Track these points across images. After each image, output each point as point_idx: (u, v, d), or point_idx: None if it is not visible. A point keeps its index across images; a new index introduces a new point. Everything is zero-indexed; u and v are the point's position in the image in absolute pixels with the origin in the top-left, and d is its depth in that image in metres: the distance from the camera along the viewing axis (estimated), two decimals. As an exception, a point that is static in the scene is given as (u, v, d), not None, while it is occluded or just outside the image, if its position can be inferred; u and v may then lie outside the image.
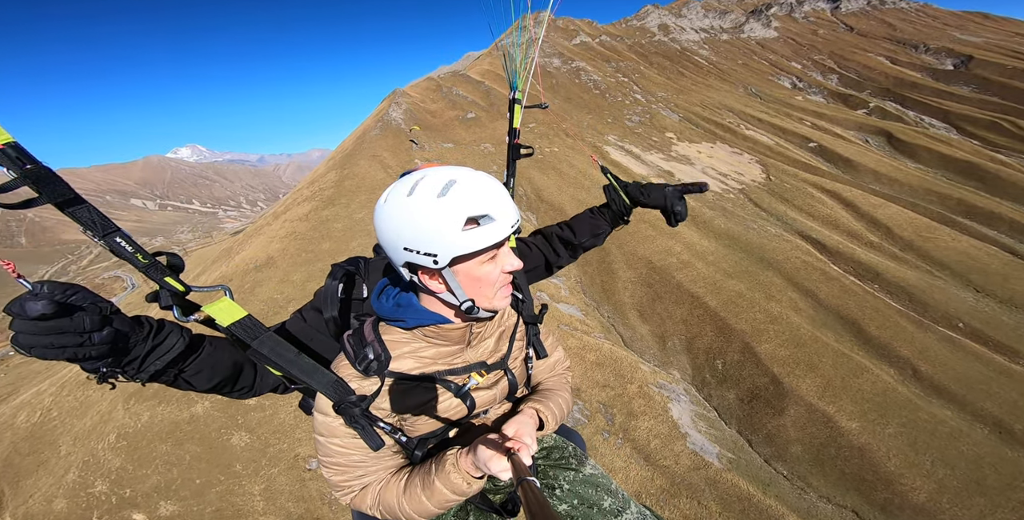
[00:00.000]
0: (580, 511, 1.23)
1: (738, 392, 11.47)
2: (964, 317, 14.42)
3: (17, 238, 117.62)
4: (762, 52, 54.49)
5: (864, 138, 33.17)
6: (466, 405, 1.12)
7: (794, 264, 15.66)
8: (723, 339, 12.53)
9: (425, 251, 0.90)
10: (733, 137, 30.34)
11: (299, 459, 8.69)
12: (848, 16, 64.18)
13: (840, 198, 21.21)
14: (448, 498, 1.01)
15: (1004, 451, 10.87)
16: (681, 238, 16.60)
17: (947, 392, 11.84)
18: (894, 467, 10.18)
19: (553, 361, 1.38)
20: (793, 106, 38.97)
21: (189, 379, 0.99)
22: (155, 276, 0.90)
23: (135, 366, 0.89)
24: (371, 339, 1.04)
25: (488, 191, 0.92)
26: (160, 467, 8.07)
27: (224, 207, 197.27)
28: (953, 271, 16.84)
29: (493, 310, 1.05)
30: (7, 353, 27.91)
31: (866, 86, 44.65)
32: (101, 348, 0.80)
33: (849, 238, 18.39)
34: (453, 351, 1.11)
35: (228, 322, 0.92)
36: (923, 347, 12.89)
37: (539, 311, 1.31)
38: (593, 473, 1.32)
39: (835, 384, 11.33)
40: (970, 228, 20.25)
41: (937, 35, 55.20)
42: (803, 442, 10.59)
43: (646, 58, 47.82)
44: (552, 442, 1.40)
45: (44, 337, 0.74)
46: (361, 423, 1.00)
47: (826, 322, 13.47)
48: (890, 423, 10.82)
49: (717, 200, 20.98)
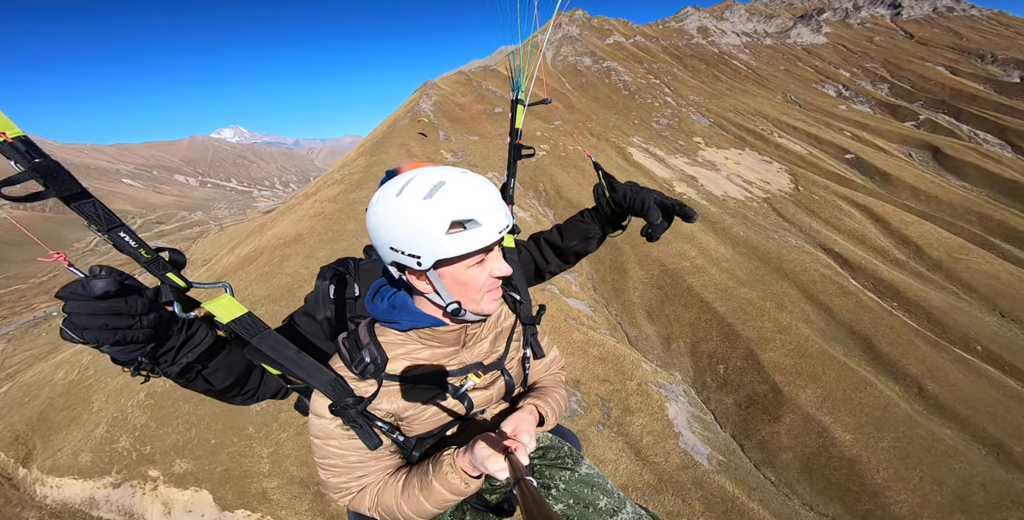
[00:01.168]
0: (576, 511, 1.23)
1: (736, 397, 11.74)
2: (983, 340, 14.12)
3: None
4: (807, 58, 52.49)
5: (908, 152, 31.87)
6: (464, 405, 1.13)
7: (811, 277, 15.60)
8: (728, 345, 12.76)
9: (409, 252, 0.90)
10: (764, 145, 29.74)
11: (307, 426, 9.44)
12: (909, 23, 61.13)
13: (871, 213, 20.72)
14: (446, 498, 1.01)
15: (999, 472, 10.80)
16: (697, 243, 16.73)
17: (950, 411, 11.78)
18: (881, 480, 10.31)
19: (549, 360, 1.40)
20: (835, 115, 37.59)
21: (208, 376, 1.00)
22: (157, 271, 0.91)
23: (170, 357, 0.90)
24: (367, 342, 1.05)
25: (477, 195, 0.90)
26: (180, 426, 8.70)
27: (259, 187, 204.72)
28: (980, 294, 16.38)
29: (481, 314, 1.04)
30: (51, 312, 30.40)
31: (919, 97, 42.35)
32: (147, 332, 0.83)
33: (874, 254, 18.05)
34: (448, 353, 1.11)
35: (228, 319, 0.93)
36: (934, 367, 12.77)
37: (536, 312, 1.31)
38: (589, 473, 1.32)
39: (835, 396, 11.44)
40: (1007, 252, 19.49)
41: (1008, 45, 51.82)
42: (794, 450, 10.81)
43: (681, 61, 46.86)
44: (548, 442, 1.41)
45: (100, 317, 0.76)
46: (359, 422, 1.01)
47: (836, 336, 13.47)
48: (885, 437, 10.90)
49: (739, 208, 20.87)
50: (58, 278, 46.97)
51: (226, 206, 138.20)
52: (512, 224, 1.01)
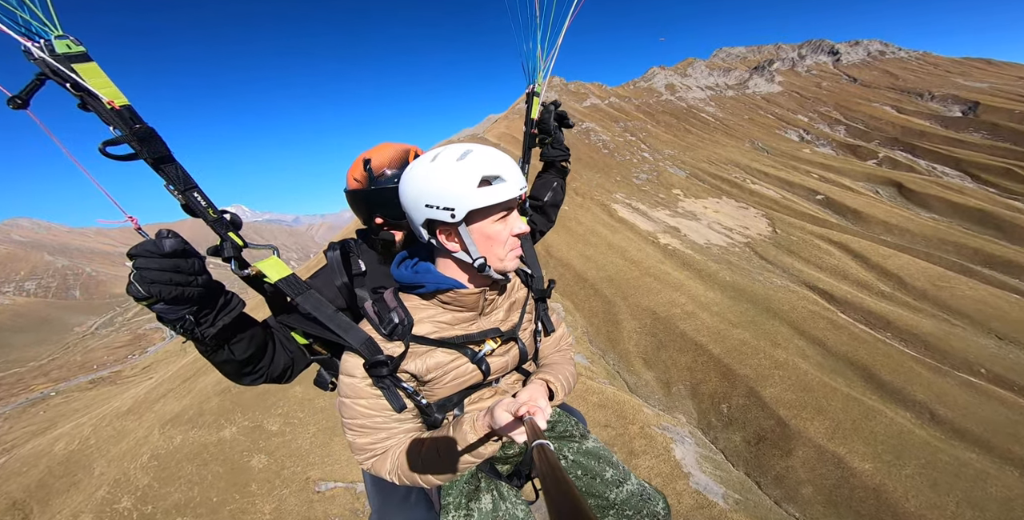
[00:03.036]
0: (584, 481, 1.28)
1: (744, 434, 11.64)
2: (986, 363, 14.19)
3: (72, 291, 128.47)
4: (767, 106, 56.06)
5: (874, 189, 33.88)
6: (481, 370, 1.18)
7: (800, 314, 16.11)
8: (728, 384, 12.90)
9: (444, 206, 1.00)
10: (739, 192, 31.87)
11: (310, 482, 9.43)
12: (850, 67, 65.68)
13: (848, 249, 21.76)
14: (463, 460, 1.05)
15: None
16: (686, 290, 17.50)
17: (970, 435, 11.55)
18: (914, 508, 9.90)
19: (557, 336, 1.45)
20: (800, 159, 40.24)
21: (232, 346, 1.06)
22: (220, 230, 1.03)
23: (210, 318, 0.98)
24: (394, 305, 1.12)
25: (500, 158, 1.03)
26: (183, 486, 8.87)
27: None
28: (972, 319, 16.69)
29: (503, 271, 1.13)
30: (48, 393, 30.20)
31: (874, 136, 45.26)
32: (200, 290, 0.92)
33: (859, 288, 18.69)
34: (468, 317, 1.18)
35: (276, 277, 1.03)
36: (940, 392, 12.75)
37: (547, 286, 1.40)
38: (595, 446, 1.38)
39: (845, 426, 11.36)
40: (989, 277, 20.11)
41: (940, 82, 55.85)
42: (814, 483, 10.51)
43: (653, 117, 50.38)
44: (556, 416, 1.45)
45: (166, 273, 0.86)
46: (387, 383, 1.07)
47: (835, 368, 13.63)
48: (907, 465, 10.64)
49: (722, 254, 21.98)
50: (56, 360, 46.76)
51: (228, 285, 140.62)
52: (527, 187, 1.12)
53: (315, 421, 11.74)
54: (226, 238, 1.03)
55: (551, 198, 1.87)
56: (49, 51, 0.86)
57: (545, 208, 1.88)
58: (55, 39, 0.87)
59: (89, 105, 0.90)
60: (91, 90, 0.87)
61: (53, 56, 0.85)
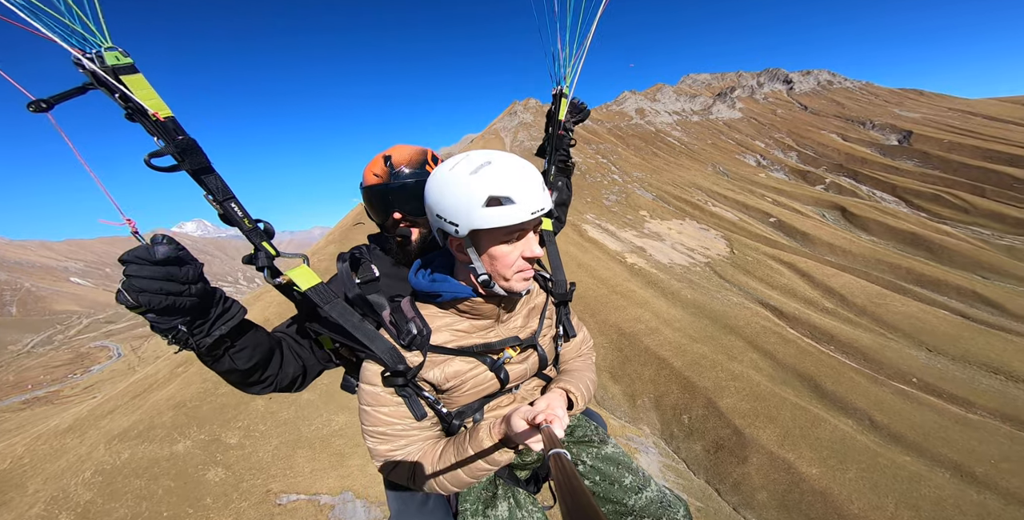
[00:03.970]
0: (602, 487, 1.27)
1: (704, 443, 12.23)
2: (917, 373, 15.53)
3: (8, 307, 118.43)
4: (728, 132, 58.53)
5: (821, 213, 36.60)
6: (500, 378, 1.18)
7: (754, 329, 17.18)
8: (688, 396, 13.57)
9: (450, 220, 1.00)
10: (701, 214, 33.72)
11: (270, 494, 9.24)
12: (802, 96, 68.62)
13: (797, 269, 23.42)
14: (480, 467, 1.05)
15: (969, 493, 11.31)
16: (650, 307, 18.34)
17: (904, 440, 12.58)
18: (858, 510, 10.64)
19: (579, 341, 1.43)
20: (756, 183, 42.81)
21: (234, 355, 1.05)
22: (255, 240, 1.04)
23: (205, 328, 0.96)
24: (411, 315, 1.12)
25: (517, 177, 0.99)
26: (130, 501, 8.48)
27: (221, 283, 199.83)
28: (905, 333, 18.26)
29: (510, 291, 1.10)
30: None
31: (822, 162, 48.23)
32: (193, 300, 0.90)
33: (806, 305, 20.13)
34: (486, 325, 1.17)
35: (306, 286, 1.06)
36: (878, 400, 13.86)
37: (568, 289, 1.36)
38: (615, 451, 1.35)
39: (794, 433, 12.16)
40: (920, 294, 22.09)
41: (880, 112, 58.98)
42: (767, 488, 11.14)
43: (624, 140, 52.23)
44: (575, 421, 1.43)
45: (156, 281, 0.83)
46: (407, 392, 1.08)
47: (785, 379, 14.58)
48: (850, 469, 11.46)
49: (684, 273, 23.18)
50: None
51: None
52: (549, 208, 1.06)
53: (277, 433, 11.47)
54: (260, 248, 1.05)
55: (558, 197, 1.87)
56: (99, 62, 0.88)
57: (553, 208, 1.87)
58: (105, 51, 0.89)
59: (135, 117, 0.92)
60: (138, 103, 0.90)
61: (103, 67, 0.88)
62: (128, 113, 0.91)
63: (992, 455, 12.15)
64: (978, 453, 12.28)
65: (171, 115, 0.93)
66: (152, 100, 0.91)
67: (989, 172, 39.14)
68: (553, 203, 1.78)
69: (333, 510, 9.90)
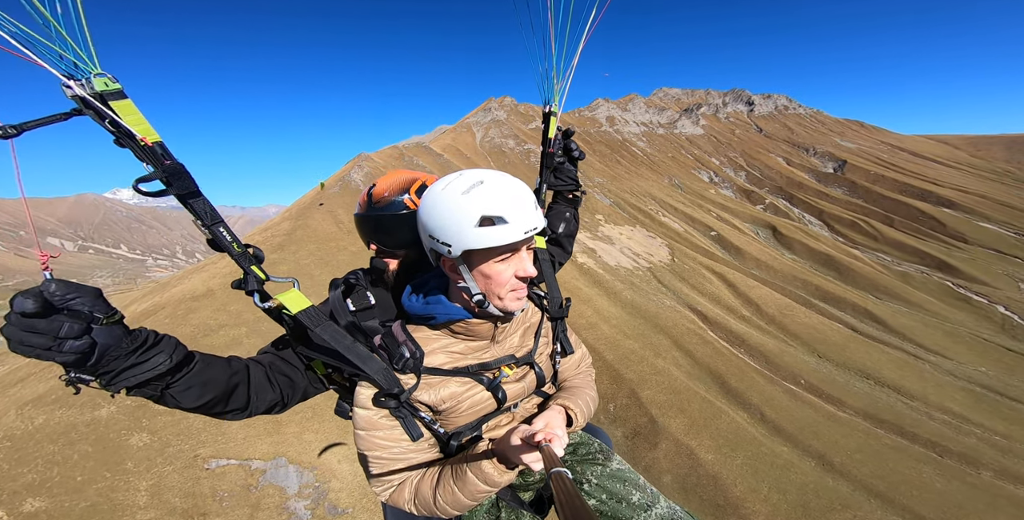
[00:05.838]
0: (609, 505, 1.23)
1: (624, 430, 13.89)
2: (805, 376, 18.18)
3: None
4: (689, 147, 61.17)
5: (755, 230, 40.21)
6: (497, 398, 1.18)
7: (680, 330, 19.22)
8: (616, 386, 15.21)
9: (442, 240, 1.00)
10: (651, 222, 36.04)
11: (199, 459, 9.18)
12: (760, 118, 71.76)
13: (725, 279, 26.04)
14: (480, 489, 1.03)
15: (826, 480, 13.66)
16: (593, 304, 19.91)
17: (784, 432, 14.90)
18: (740, 493, 12.62)
19: (578, 358, 1.44)
20: (705, 198, 45.82)
21: (177, 396, 0.98)
22: (244, 264, 1.04)
23: (107, 379, 0.88)
24: (403, 339, 1.13)
25: (509, 196, 0.99)
26: (40, 466, 8.22)
27: (156, 256, 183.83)
28: (802, 341, 21.11)
29: (505, 311, 1.10)
30: None
31: (766, 183, 51.85)
32: (67, 356, 0.80)
33: (727, 311, 22.62)
34: (482, 346, 1.18)
35: (297, 309, 1.05)
36: (770, 397, 16.20)
37: (563, 305, 1.35)
38: (620, 468, 1.33)
39: (699, 423, 14.08)
40: (822, 308, 25.35)
41: (823, 140, 63.06)
42: (672, 472, 12.95)
43: (590, 146, 53.46)
44: (579, 438, 1.42)
45: (20, 332, 0.76)
46: (402, 413, 1.08)
47: (699, 376, 16.63)
48: (739, 456, 13.51)
49: (628, 275, 25.08)
50: None
51: (109, 275, 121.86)
52: (543, 227, 1.07)
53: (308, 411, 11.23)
54: (249, 271, 1.04)
55: (565, 229, 1.86)
56: (88, 89, 0.88)
57: (560, 239, 1.87)
58: (94, 77, 0.88)
59: (124, 142, 0.91)
60: (127, 128, 0.90)
61: (92, 93, 0.88)
62: (117, 138, 0.92)
63: (850, 447, 14.69)
64: (839, 445, 14.78)
65: (159, 140, 0.94)
66: (141, 125, 0.92)
67: (901, 204, 44.16)
68: (561, 234, 1.85)
69: (264, 475, 9.95)
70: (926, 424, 15.94)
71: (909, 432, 15.45)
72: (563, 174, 1.85)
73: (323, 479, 10.51)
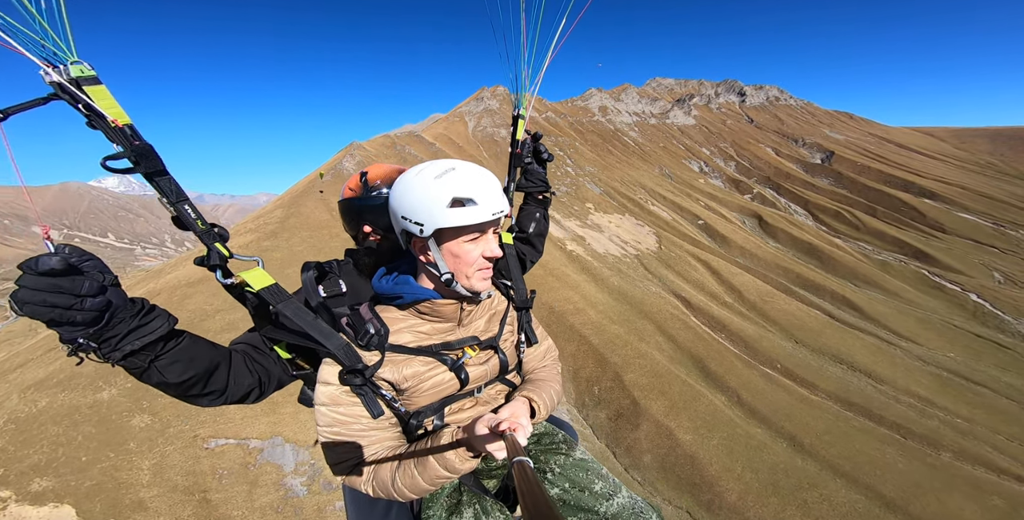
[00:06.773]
0: (572, 494, 1.25)
1: (608, 412, 14.50)
2: (782, 360, 18.95)
3: None
4: (680, 137, 61.61)
5: (742, 219, 40.88)
6: (460, 379, 1.21)
7: (664, 316, 19.79)
8: (600, 370, 15.76)
9: (415, 220, 1.05)
10: (640, 211, 36.42)
11: (198, 439, 9.57)
12: (751, 109, 72.40)
13: (710, 267, 26.65)
14: (440, 474, 1.04)
15: (796, 460, 14.48)
16: (580, 290, 20.35)
17: (759, 414, 15.66)
18: (715, 472, 13.36)
19: (543, 350, 1.47)
20: (694, 187, 46.43)
21: (162, 369, 0.99)
22: (208, 240, 1.07)
23: (112, 343, 0.90)
24: (369, 317, 1.15)
25: (479, 181, 1.06)
26: (46, 447, 8.52)
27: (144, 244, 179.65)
28: (781, 327, 21.89)
29: (471, 290, 1.14)
30: None
31: (754, 174, 52.67)
32: (87, 314, 0.84)
33: (710, 298, 23.27)
34: (447, 328, 1.21)
35: (259, 287, 1.07)
36: (747, 380, 16.93)
37: (529, 296, 1.41)
38: (583, 458, 1.35)
39: (678, 405, 14.74)
40: (801, 296, 26.17)
41: (812, 131, 63.82)
42: (652, 452, 13.62)
43: (583, 135, 54.04)
44: (543, 429, 1.45)
45: (41, 293, 0.79)
46: (364, 390, 1.10)
47: (680, 360, 17.27)
48: (715, 437, 14.22)
49: (616, 263, 25.53)
50: None
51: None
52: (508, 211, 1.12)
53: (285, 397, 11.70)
54: (212, 248, 1.07)
55: (535, 229, 1.93)
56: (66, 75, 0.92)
57: (531, 239, 1.93)
58: (71, 64, 0.93)
59: (96, 124, 0.96)
60: (99, 111, 0.94)
61: (68, 79, 0.92)
62: (89, 121, 0.96)
63: (819, 429, 15.51)
64: (810, 427, 15.59)
65: (130, 122, 0.98)
66: (113, 109, 0.96)
67: (884, 195, 45.10)
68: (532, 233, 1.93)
69: (262, 453, 10.34)
70: (893, 407, 16.83)
71: (876, 414, 16.32)
72: (533, 176, 1.93)
73: (318, 457, 10.92)
